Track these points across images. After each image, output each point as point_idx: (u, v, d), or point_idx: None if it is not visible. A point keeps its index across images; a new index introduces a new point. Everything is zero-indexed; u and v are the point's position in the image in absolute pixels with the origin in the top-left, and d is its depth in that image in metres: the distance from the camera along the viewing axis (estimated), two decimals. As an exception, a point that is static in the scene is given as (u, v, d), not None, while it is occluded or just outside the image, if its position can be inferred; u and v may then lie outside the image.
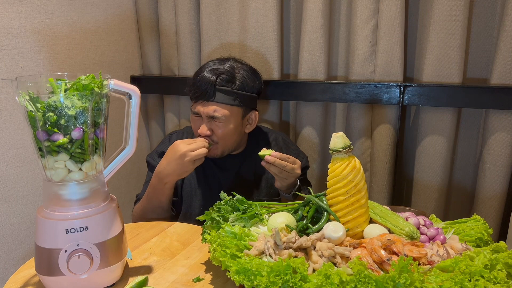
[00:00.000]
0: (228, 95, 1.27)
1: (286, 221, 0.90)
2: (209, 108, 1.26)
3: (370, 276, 0.69)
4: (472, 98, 1.49)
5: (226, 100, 1.27)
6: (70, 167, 0.80)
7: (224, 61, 1.32)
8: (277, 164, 1.18)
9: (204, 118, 1.29)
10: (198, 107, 1.28)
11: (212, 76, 1.26)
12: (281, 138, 1.48)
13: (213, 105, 1.26)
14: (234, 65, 1.31)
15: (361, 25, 1.56)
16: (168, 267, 0.95)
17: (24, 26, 1.39)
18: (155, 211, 1.30)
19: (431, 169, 1.61)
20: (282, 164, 1.18)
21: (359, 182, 0.90)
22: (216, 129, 1.28)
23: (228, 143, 1.32)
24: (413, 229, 0.88)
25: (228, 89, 1.26)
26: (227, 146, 1.33)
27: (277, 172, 1.20)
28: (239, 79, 1.28)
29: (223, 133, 1.29)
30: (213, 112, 1.26)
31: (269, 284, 0.72)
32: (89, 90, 0.78)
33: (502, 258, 0.72)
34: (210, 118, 1.28)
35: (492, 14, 1.50)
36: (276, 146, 1.44)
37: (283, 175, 1.21)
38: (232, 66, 1.30)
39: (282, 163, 1.18)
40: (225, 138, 1.30)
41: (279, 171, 1.19)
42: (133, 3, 1.88)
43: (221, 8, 1.73)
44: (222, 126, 1.28)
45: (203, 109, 1.27)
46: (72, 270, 0.79)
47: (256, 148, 1.29)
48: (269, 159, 1.17)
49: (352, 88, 1.60)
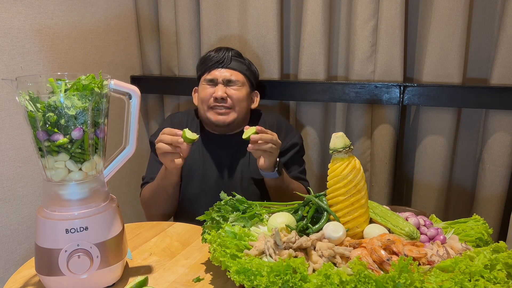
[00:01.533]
0: (242, 64, 1.42)
1: (286, 221, 0.90)
2: (226, 73, 1.38)
3: (370, 276, 0.69)
4: (472, 98, 1.49)
5: (240, 68, 1.40)
6: (70, 167, 0.80)
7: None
8: (264, 139, 1.16)
9: (220, 84, 1.37)
10: (214, 73, 1.38)
11: (226, 51, 1.41)
12: (275, 119, 1.50)
13: (229, 70, 1.38)
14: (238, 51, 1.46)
15: (361, 25, 1.56)
16: (168, 267, 0.95)
17: (24, 26, 1.39)
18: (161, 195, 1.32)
19: (431, 169, 1.61)
20: (268, 138, 1.17)
21: (359, 182, 0.90)
22: (232, 93, 1.36)
23: (241, 110, 1.39)
24: (413, 229, 0.88)
25: (241, 60, 1.43)
26: (240, 113, 1.39)
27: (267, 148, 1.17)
28: (246, 59, 1.46)
29: (238, 98, 1.37)
30: (230, 76, 1.37)
31: (269, 284, 0.72)
32: (89, 90, 0.78)
33: (502, 258, 0.72)
34: (226, 82, 1.37)
35: (492, 14, 1.50)
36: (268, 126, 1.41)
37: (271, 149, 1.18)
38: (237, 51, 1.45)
39: (268, 137, 1.17)
40: (240, 103, 1.38)
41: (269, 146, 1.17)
42: (133, 3, 1.88)
43: (221, 8, 1.73)
44: (237, 90, 1.37)
45: (220, 74, 1.37)
46: (72, 270, 0.79)
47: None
48: (255, 137, 1.15)
49: (352, 88, 1.60)
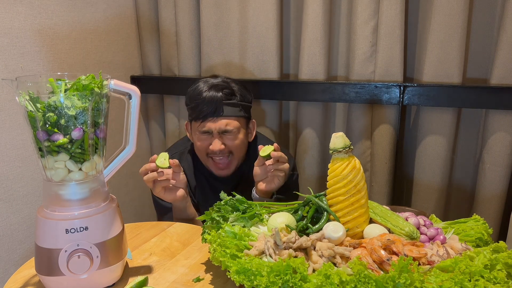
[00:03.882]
0: (234, 107, 1.30)
1: (286, 221, 0.90)
2: (221, 123, 1.28)
3: (370, 276, 0.69)
4: (472, 98, 1.49)
5: (234, 113, 1.30)
6: (70, 167, 0.80)
7: (215, 78, 1.34)
8: (283, 157, 1.18)
9: (215, 134, 1.30)
10: (209, 125, 1.29)
11: (217, 93, 1.28)
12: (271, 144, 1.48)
13: (223, 120, 1.28)
14: (226, 80, 1.34)
15: (361, 25, 1.56)
16: (168, 267, 0.95)
17: (24, 26, 1.39)
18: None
19: (431, 169, 1.61)
20: (285, 158, 1.18)
21: (359, 182, 0.90)
22: (229, 142, 1.31)
23: (241, 154, 1.36)
24: (413, 229, 0.88)
25: (234, 101, 1.30)
26: (240, 157, 1.37)
27: (285, 168, 1.19)
28: (237, 91, 1.32)
29: (236, 144, 1.32)
30: (225, 126, 1.28)
31: (269, 284, 0.72)
32: (89, 90, 0.78)
33: (502, 258, 0.72)
34: (222, 133, 1.30)
35: (492, 14, 1.50)
36: None
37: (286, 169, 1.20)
38: (225, 81, 1.33)
39: (285, 157, 1.19)
40: (238, 148, 1.34)
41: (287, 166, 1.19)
42: (133, 3, 1.88)
43: (221, 8, 1.73)
44: (234, 138, 1.31)
45: (214, 126, 1.29)
46: (72, 270, 0.79)
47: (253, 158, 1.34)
48: (275, 155, 1.16)
49: (352, 88, 1.60)
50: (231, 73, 1.78)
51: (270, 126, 1.83)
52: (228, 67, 1.79)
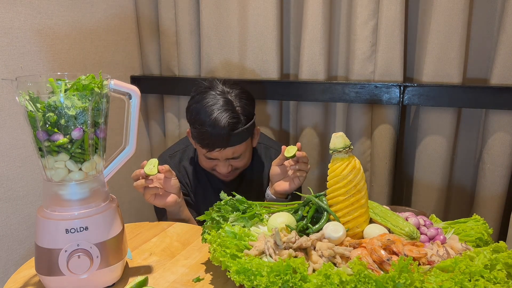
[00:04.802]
0: (240, 133, 1.23)
1: (286, 221, 0.90)
2: (227, 153, 1.24)
3: (370, 276, 0.69)
4: (472, 98, 1.49)
5: (240, 140, 1.24)
6: (70, 167, 0.80)
7: (217, 98, 1.21)
8: (304, 159, 1.18)
9: (222, 160, 1.28)
10: (215, 155, 1.25)
11: (223, 127, 1.17)
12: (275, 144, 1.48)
13: (229, 149, 1.24)
14: (229, 98, 1.22)
15: (361, 25, 1.56)
16: (168, 267, 0.95)
17: (24, 26, 1.39)
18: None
19: (431, 169, 1.61)
20: (307, 157, 1.18)
21: (359, 182, 0.90)
22: (236, 163, 1.31)
23: (246, 166, 1.37)
24: (413, 229, 0.88)
25: (239, 130, 1.21)
26: (245, 167, 1.38)
27: (303, 167, 1.19)
28: (241, 113, 1.22)
29: (243, 163, 1.32)
30: (232, 155, 1.26)
31: (269, 284, 0.72)
32: (89, 90, 0.78)
33: (502, 258, 0.72)
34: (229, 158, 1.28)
35: (492, 14, 1.50)
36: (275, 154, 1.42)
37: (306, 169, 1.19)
38: (229, 101, 1.21)
39: (307, 156, 1.19)
40: (245, 164, 1.35)
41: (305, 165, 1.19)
42: (133, 3, 1.88)
43: (221, 8, 1.73)
44: (241, 160, 1.30)
45: (221, 155, 1.25)
46: (72, 270, 0.79)
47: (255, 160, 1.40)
48: (301, 155, 1.16)
49: (352, 88, 1.60)
50: (231, 73, 1.78)
51: (270, 126, 1.83)
52: (228, 67, 1.79)
